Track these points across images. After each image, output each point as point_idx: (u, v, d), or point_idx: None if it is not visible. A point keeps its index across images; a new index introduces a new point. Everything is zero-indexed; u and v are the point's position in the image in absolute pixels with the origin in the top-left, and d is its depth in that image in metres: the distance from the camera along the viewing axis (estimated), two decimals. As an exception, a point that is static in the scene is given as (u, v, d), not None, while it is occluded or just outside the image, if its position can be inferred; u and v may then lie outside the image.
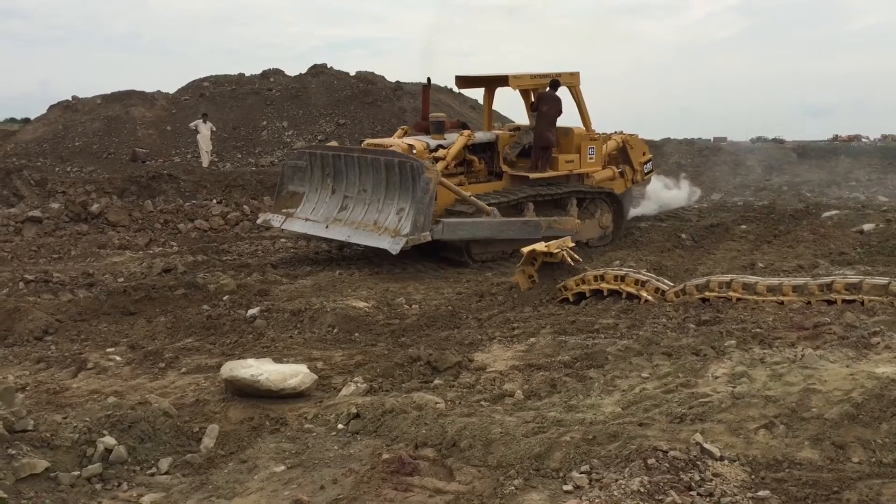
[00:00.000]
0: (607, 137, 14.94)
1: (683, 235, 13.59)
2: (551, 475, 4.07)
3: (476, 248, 11.96)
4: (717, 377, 5.30)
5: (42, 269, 11.47)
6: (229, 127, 26.02)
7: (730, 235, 13.61)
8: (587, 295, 8.51)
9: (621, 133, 15.64)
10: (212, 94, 28.31)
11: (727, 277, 7.89)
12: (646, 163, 15.31)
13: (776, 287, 7.49)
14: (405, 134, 13.33)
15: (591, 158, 13.89)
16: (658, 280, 8.34)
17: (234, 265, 11.93)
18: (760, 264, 10.82)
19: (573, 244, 9.42)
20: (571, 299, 8.57)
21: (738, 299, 7.49)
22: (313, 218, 12.15)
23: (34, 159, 23.03)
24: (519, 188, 12.94)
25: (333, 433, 4.93)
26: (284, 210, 12.72)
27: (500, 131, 13.86)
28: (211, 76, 29.93)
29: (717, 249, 12.53)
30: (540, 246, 9.13)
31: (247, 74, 30.20)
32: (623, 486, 3.70)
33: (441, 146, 12.41)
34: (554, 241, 9.33)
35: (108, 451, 4.46)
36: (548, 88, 13.53)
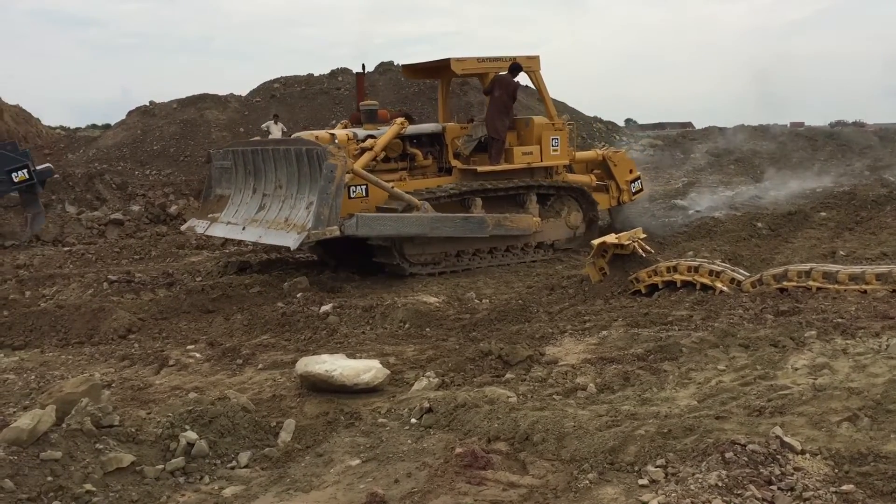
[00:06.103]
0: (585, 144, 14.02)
1: (759, 224, 13.22)
2: (626, 469, 4.03)
3: (410, 248, 10.86)
4: (796, 369, 5.16)
5: (124, 269, 11.88)
6: (300, 127, 26.35)
7: (809, 223, 13.19)
8: (660, 286, 8.38)
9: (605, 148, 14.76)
10: (282, 94, 28.87)
11: (806, 266, 7.66)
12: (633, 181, 14.54)
13: (858, 275, 7.24)
14: (344, 127, 12.15)
15: (554, 150, 12.38)
16: (733, 270, 8.15)
17: (306, 263, 12.14)
18: (842, 252, 10.48)
19: (644, 235, 9.27)
20: (644, 291, 8.45)
21: (819, 289, 7.27)
22: (234, 221, 11.25)
23: (115, 163, 23.85)
24: (466, 183, 11.65)
25: (407, 427, 4.97)
26: (210, 215, 11.89)
27: (450, 123, 12.73)
28: (281, 77, 30.52)
29: (795, 238, 12.17)
30: (610, 238, 9.03)
31: (315, 74, 30.70)
32: (700, 481, 3.64)
33: (372, 136, 11.29)
34: (624, 232, 9.21)
35: (191, 445, 4.59)
36: (505, 72, 12.38)
